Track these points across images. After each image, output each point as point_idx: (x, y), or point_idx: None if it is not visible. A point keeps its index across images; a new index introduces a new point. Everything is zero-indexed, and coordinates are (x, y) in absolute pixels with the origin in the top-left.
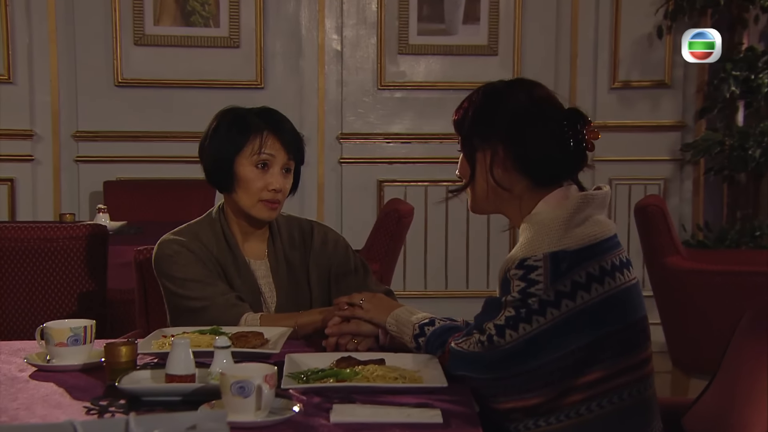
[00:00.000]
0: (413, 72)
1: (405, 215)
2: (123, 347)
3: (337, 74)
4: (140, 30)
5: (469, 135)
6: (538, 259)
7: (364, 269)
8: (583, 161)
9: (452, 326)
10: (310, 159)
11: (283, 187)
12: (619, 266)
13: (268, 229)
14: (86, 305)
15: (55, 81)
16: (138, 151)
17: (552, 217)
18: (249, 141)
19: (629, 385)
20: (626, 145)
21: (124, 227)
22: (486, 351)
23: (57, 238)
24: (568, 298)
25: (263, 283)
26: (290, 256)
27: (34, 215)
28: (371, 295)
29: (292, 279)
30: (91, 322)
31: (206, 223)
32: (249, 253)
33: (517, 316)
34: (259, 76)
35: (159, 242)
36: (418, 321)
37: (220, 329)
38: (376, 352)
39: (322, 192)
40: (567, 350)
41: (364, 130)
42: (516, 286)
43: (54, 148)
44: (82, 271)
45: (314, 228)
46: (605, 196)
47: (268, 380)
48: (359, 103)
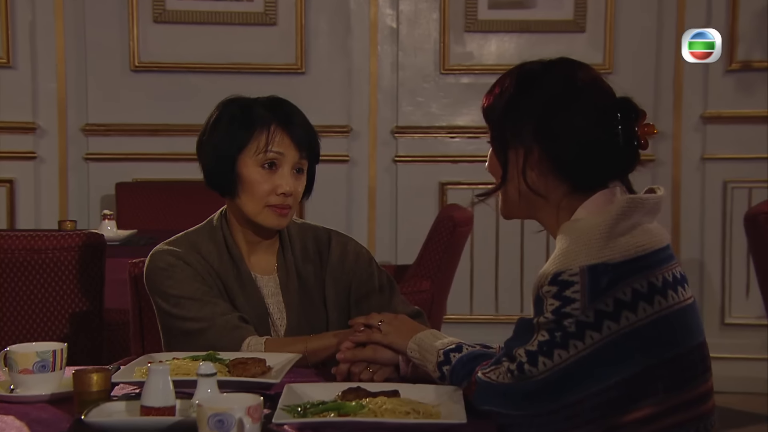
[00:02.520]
0: (483, 53)
1: (461, 223)
2: (94, 375)
3: (392, 56)
4: (160, 5)
5: (500, 128)
6: (574, 274)
7: (390, 287)
8: (634, 161)
9: (483, 353)
10: (359, 157)
11: (294, 190)
12: (672, 283)
13: (277, 240)
14: (79, 327)
15: (61, 65)
16: (157, 148)
17: (592, 225)
18: (254, 137)
19: (685, 425)
20: (745, 140)
21: (134, 237)
22: (516, 382)
23: (44, 249)
24: (610, 320)
25: (271, 302)
26: (303, 270)
27: (36, 222)
28: (392, 317)
29: (306, 297)
30: (62, 346)
31: (206, 231)
32: (255, 267)
33: (552, 340)
34: (300, 59)
35: (151, 254)
36: (443, 347)
37: (217, 355)
38: (394, 383)
39: (373, 197)
40: (610, 382)
41: (424, 122)
42: (549, 305)
43: (60, 144)
44: (74, 287)
45: (332, 238)
46: (657, 201)
47: (252, 413)
48: (418, 91)
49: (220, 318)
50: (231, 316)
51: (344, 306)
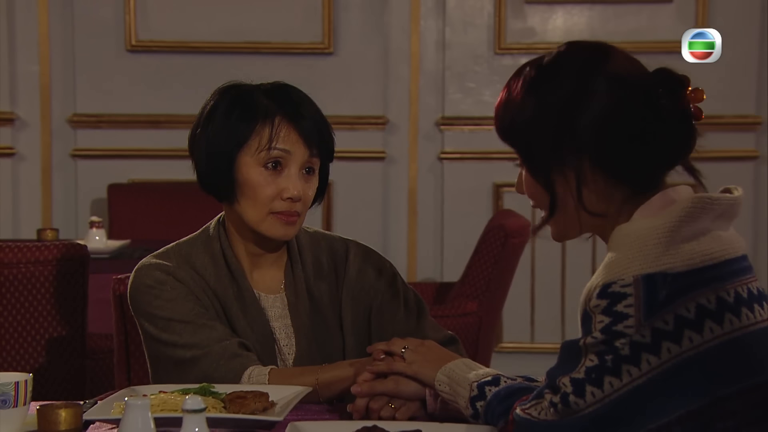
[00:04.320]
0: (547, 28)
1: (513, 233)
2: (62, 411)
3: (438, 33)
4: None
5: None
6: (627, 284)
7: (418, 309)
8: (692, 137)
9: (524, 386)
10: (398, 154)
11: (304, 194)
12: (747, 300)
13: (285, 252)
14: (56, 355)
15: (45, 45)
16: (158, 143)
17: (649, 228)
18: (255, 131)
19: None
20: None
21: (126, 249)
22: (561, 418)
23: (16, 263)
24: (670, 341)
25: (277, 325)
26: (316, 288)
27: (14, 231)
28: (418, 343)
29: (318, 320)
30: (26, 377)
31: (201, 242)
32: (259, 285)
33: (601, 366)
34: (327, 37)
35: (136, 268)
36: (477, 379)
37: (212, 388)
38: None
39: (413, 201)
40: (672, 417)
41: (476, 112)
42: (598, 322)
43: (43, 137)
44: (51, 308)
45: (350, 249)
46: (733, 202)
47: None
48: (469, 75)
49: (216, 344)
50: (230, 343)
51: (363, 330)
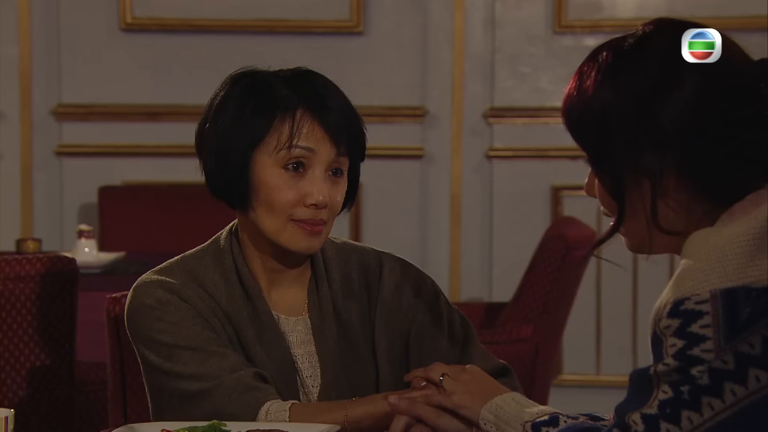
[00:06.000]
0: (616, 2)
1: (575, 245)
2: None
3: (485, 9)
4: None
5: (608, 152)
6: (703, 301)
7: (465, 332)
8: None
9: (587, 427)
10: (439, 151)
11: (331, 200)
12: None
13: (308, 267)
14: (40, 386)
15: (25, 24)
16: (156, 138)
17: (729, 235)
18: (273, 127)
19: None
20: None
21: (121, 263)
22: None
23: None
24: (758, 367)
25: (300, 352)
26: (345, 309)
27: None
28: (460, 370)
29: (347, 347)
30: (7, 413)
31: (210, 255)
32: (278, 306)
33: (677, 398)
34: (357, 14)
35: (135, 286)
36: (531, 418)
37: (223, 426)
38: None
39: (457, 205)
40: None
41: (531, 102)
42: (671, 346)
43: (23, 132)
44: (34, 332)
45: (384, 264)
46: None
47: None
48: (522, 58)
49: (228, 375)
50: (244, 373)
51: (400, 358)
